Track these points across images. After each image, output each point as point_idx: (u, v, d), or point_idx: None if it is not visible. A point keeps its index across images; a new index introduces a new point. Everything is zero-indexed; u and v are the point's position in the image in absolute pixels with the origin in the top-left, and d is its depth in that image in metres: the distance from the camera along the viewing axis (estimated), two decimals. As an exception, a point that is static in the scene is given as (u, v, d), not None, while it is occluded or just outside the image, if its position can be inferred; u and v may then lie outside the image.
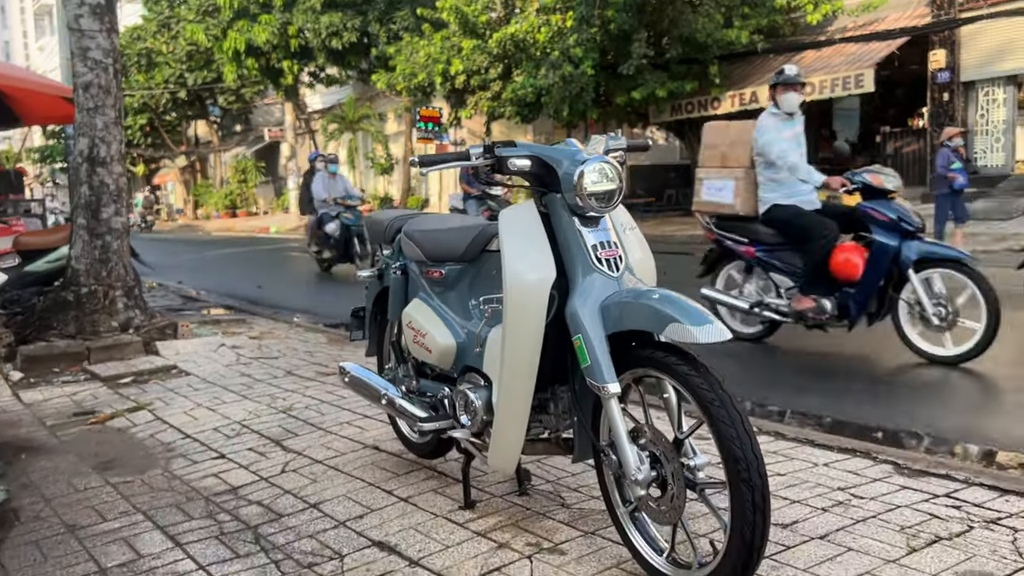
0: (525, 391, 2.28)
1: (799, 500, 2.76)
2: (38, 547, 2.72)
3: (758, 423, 3.73)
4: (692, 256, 13.04)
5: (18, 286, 6.61)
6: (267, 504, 2.98)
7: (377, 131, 28.16)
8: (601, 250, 2.22)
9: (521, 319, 2.22)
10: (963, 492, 2.80)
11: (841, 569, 2.25)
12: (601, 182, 2.20)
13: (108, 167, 5.99)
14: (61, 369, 5.43)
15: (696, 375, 1.96)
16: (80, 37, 5.95)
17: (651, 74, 17.18)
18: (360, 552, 2.53)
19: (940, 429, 3.80)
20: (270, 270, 14.15)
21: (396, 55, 21.85)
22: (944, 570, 2.22)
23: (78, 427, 4.21)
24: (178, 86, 35.39)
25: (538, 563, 2.36)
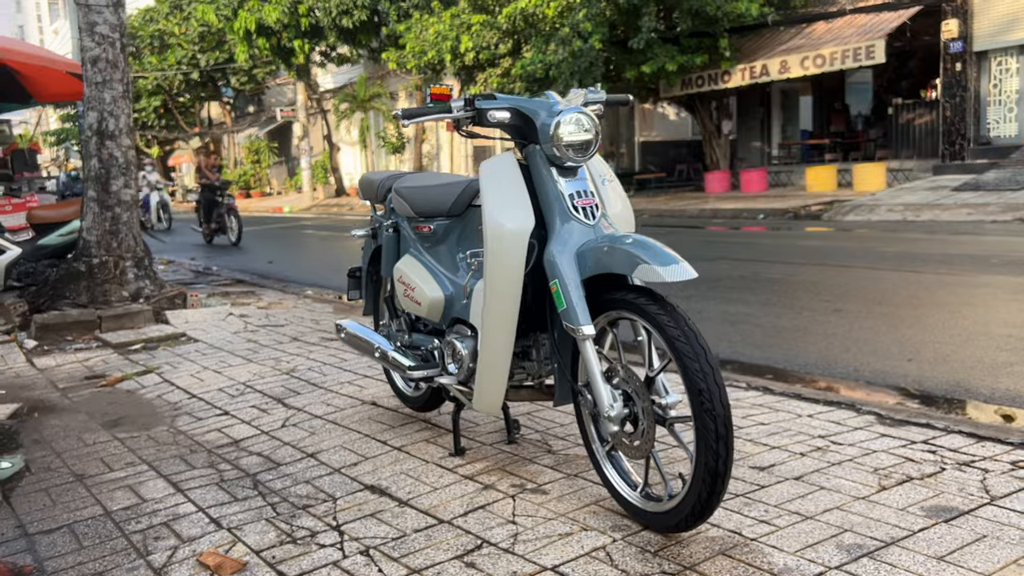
0: (506, 337, 2.37)
1: (779, 446, 2.85)
2: (48, 494, 2.84)
3: (746, 379, 3.82)
4: (703, 230, 13.09)
5: (32, 259, 6.76)
6: (266, 455, 3.10)
7: (388, 110, 28.19)
8: (578, 199, 2.30)
9: (501, 267, 2.31)
10: (941, 439, 2.87)
11: (811, 504, 2.33)
12: (577, 132, 2.28)
13: (117, 140, 6.10)
14: (74, 337, 5.57)
15: (664, 314, 2.04)
16: (88, 12, 6.04)
17: (661, 48, 17.12)
18: (352, 495, 2.64)
19: (927, 387, 3.86)
20: (282, 247, 14.29)
21: (406, 33, 21.87)
22: (911, 505, 2.30)
23: (89, 389, 4.34)
24: (191, 67, 35.52)
25: (520, 501, 2.46)
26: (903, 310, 5.49)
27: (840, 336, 4.90)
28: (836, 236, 10.95)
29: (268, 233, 17.88)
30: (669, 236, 12.36)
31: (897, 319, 5.23)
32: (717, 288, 6.83)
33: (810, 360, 4.43)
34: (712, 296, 6.46)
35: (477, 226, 2.63)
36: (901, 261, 7.72)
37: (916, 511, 2.26)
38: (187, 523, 2.51)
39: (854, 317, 5.37)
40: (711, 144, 20.66)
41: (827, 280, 6.93)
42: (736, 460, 2.72)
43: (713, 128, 20.55)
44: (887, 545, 2.07)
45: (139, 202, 6.24)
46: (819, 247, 9.60)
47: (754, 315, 5.70)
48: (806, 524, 2.20)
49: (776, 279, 7.13)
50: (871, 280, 6.78)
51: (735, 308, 5.95)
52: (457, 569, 2.07)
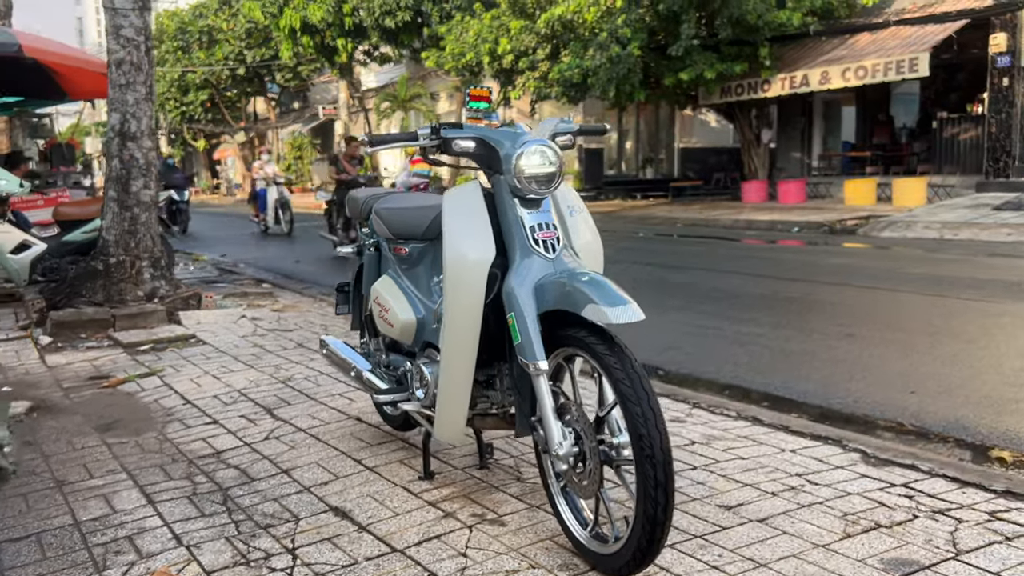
0: (466, 366, 2.35)
1: (752, 484, 2.79)
2: (25, 499, 2.90)
3: (738, 407, 3.75)
4: (734, 243, 12.90)
5: (57, 255, 6.90)
6: (243, 468, 3.12)
7: (429, 110, 28.33)
8: (539, 231, 2.28)
9: (461, 297, 2.29)
10: (922, 483, 2.79)
11: (768, 551, 2.28)
12: (540, 165, 2.26)
13: (138, 141, 6.20)
14: (87, 335, 5.67)
15: (611, 355, 2.01)
16: (113, 15, 6.15)
17: (700, 55, 16.96)
18: (316, 516, 2.64)
19: (925, 422, 3.76)
20: (313, 246, 14.42)
21: (447, 35, 21.94)
22: (871, 556, 2.24)
23: (91, 390, 4.42)
24: (237, 63, 36.05)
25: (477, 532, 2.45)
26: (917, 337, 5.35)
27: (847, 363, 4.80)
28: (866, 253, 10.74)
29: (300, 232, 18.07)
30: (699, 246, 12.23)
31: (909, 347, 5.10)
32: (735, 306, 6.73)
33: (811, 388, 4.34)
34: (728, 314, 6.37)
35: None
36: (927, 284, 7.53)
37: (874, 563, 2.20)
38: (150, 538, 2.53)
39: (865, 343, 5.25)
40: (750, 153, 20.41)
41: (846, 301, 6.80)
42: (704, 497, 2.68)
43: (752, 137, 20.30)
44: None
45: (157, 205, 6.33)
46: (845, 265, 9.41)
47: (765, 336, 5.60)
48: (757, 573, 2.15)
49: (794, 298, 7.01)
50: (891, 303, 6.63)
51: (747, 328, 5.86)
52: (397, 602, 2.07)
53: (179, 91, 41.47)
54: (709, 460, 3.03)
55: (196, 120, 43.72)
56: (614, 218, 18.85)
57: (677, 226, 16.54)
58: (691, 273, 9.04)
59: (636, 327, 2.03)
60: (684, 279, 8.62)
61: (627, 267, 9.94)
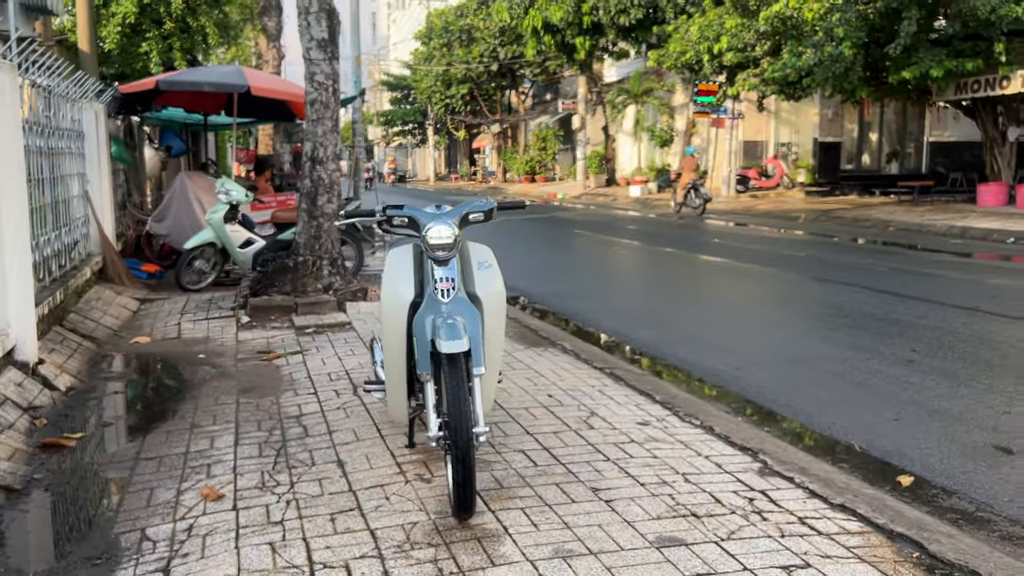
0: (399, 371, 3.42)
1: (635, 476, 3.58)
2: (168, 435, 4.38)
3: (715, 421, 4.45)
4: (913, 252, 12.24)
5: (273, 250, 8.76)
6: (308, 427, 4.39)
7: (661, 103, 28.89)
8: (442, 283, 3.27)
9: (389, 323, 3.36)
10: (781, 492, 3.43)
11: (585, 519, 3.12)
12: (440, 238, 3.25)
13: (324, 165, 7.79)
14: (275, 317, 7.35)
15: (447, 374, 2.99)
16: (309, 64, 7.77)
17: (927, 51, 16.21)
18: (325, 464, 3.84)
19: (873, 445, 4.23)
20: (511, 240, 15.81)
21: (673, 32, 22.45)
22: (651, 533, 3.01)
23: (254, 361, 5.97)
24: (491, 59, 38.72)
25: (408, 485, 3.50)
26: (980, 376, 5.54)
27: (881, 395, 5.21)
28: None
29: (513, 224, 19.59)
30: (877, 258, 12.08)
31: (961, 380, 5.36)
32: (831, 322, 7.10)
33: (812, 406, 4.87)
34: (818, 328, 6.81)
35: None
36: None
37: (651, 537, 2.98)
38: (220, 467, 3.87)
39: (923, 373, 5.56)
40: (993, 152, 19.04)
41: (953, 328, 6.87)
42: (583, 481, 3.53)
43: (997, 134, 18.89)
44: None
45: (338, 214, 7.88)
46: (1008, 288, 9.09)
47: (832, 357, 6.04)
48: (559, 531, 3.03)
49: (902, 320, 7.17)
50: (987, 332, 6.64)
51: (819, 347, 6.30)
52: (325, 522, 3.19)
53: (443, 85, 45.15)
54: (624, 455, 3.85)
55: (457, 112, 47.32)
56: (827, 218, 18.52)
57: (889, 231, 16.07)
58: (824, 287, 9.23)
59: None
60: (809, 293, 8.90)
61: (774, 274, 10.28)
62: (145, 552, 3.04)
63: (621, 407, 4.66)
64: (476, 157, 54.62)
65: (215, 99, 11.10)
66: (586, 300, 8.97)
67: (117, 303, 7.99)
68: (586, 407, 4.64)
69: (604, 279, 10.95)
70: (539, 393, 4.93)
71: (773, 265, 11.25)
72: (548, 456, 3.85)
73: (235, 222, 8.80)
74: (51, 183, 7.19)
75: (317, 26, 7.67)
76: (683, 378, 5.74)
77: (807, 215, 19.23)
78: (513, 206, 3.63)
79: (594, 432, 4.20)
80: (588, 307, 8.47)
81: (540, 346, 6.26)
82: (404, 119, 57.91)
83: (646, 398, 4.86)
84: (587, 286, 10.16)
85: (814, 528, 3.09)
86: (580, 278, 10.93)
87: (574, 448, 3.96)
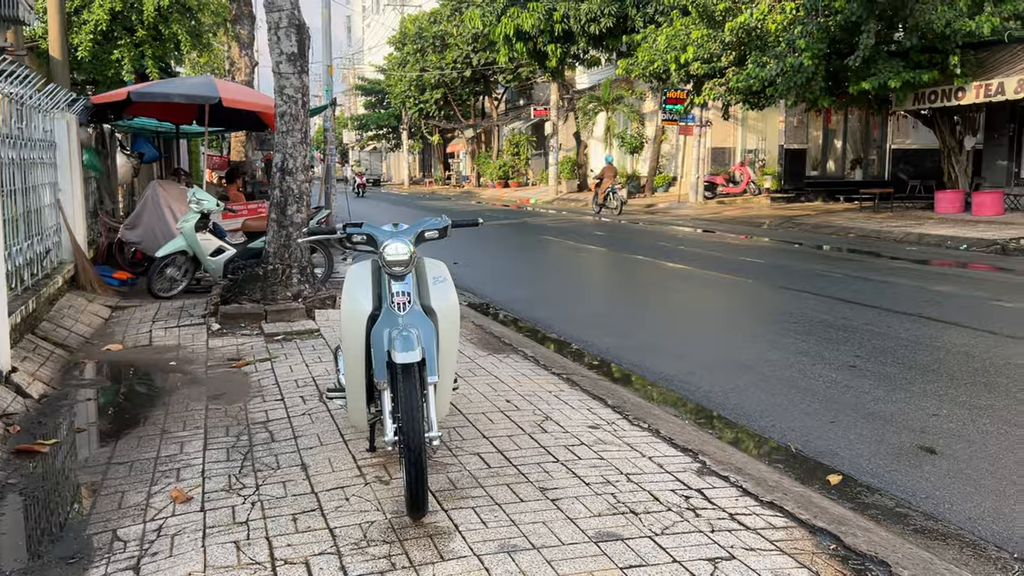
0: (358, 380, 3.63)
1: (581, 476, 3.83)
2: (139, 440, 4.56)
3: (667, 425, 4.71)
4: (873, 258, 12.65)
5: (243, 258, 8.92)
6: (274, 432, 4.59)
7: (631, 110, 29.28)
8: (398, 297, 3.50)
9: (349, 334, 3.58)
10: (716, 490, 3.69)
11: (531, 516, 3.36)
12: (395, 255, 3.47)
13: (294, 176, 7.99)
14: (245, 325, 7.52)
15: (401, 381, 3.21)
16: (279, 78, 7.96)
17: (885, 63, 16.69)
18: (289, 467, 4.04)
19: (811, 448, 4.51)
20: (484, 247, 16.07)
21: (642, 42, 22.83)
22: (592, 529, 3.25)
23: (224, 368, 6.15)
24: (464, 65, 38.99)
25: (367, 487, 3.72)
26: (916, 380, 5.86)
27: (821, 399, 5.50)
28: (991, 281, 10.57)
29: (486, 232, 19.86)
30: (832, 264, 12.45)
31: (897, 384, 5.66)
32: (782, 328, 7.40)
33: (756, 409, 5.15)
34: (769, 334, 7.09)
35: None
36: (1020, 326, 7.67)
37: (591, 533, 3.22)
38: (189, 471, 4.06)
39: (862, 378, 5.86)
40: (950, 160, 19.56)
41: (896, 334, 7.19)
42: (532, 481, 3.77)
43: (954, 143, 19.42)
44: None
45: (307, 223, 8.07)
46: (951, 295, 9.46)
47: (779, 362, 6.33)
48: (505, 528, 3.26)
49: (850, 327, 7.49)
50: (926, 338, 6.98)
51: (768, 353, 6.59)
52: (287, 522, 3.40)
53: (417, 90, 45.32)
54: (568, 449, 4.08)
55: (431, 117, 47.51)
56: (791, 224, 18.95)
57: (849, 237, 16.49)
58: (779, 293, 9.56)
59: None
60: (765, 300, 9.23)
61: (733, 281, 10.60)
62: (116, 551, 3.23)
63: (575, 411, 4.90)
64: (450, 162, 54.85)
65: (187, 109, 11.25)
66: (551, 306, 9.23)
67: (89, 311, 8.12)
68: (541, 412, 4.88)
69: (570, 285, 11.21)
70: (498, 398, 5.16)
71: (733, 272, 11.56)
72: (501, 458, 4.08)
73: (206, 231, 8.95)
74: (23, 193, 7.32)
75: (287, 40, 7.87)
76: (637, 383, 6.00)
77: (771, 221, 19.65)
78: (467, 223, 3.86)
79: (547, 435, 4.44)
80: (552, 313, 8.72)
81: (503, 352, 6.49)
82: (378, 123, 58.00)
83: (599, 402, 5.11)
84: (553, 292, 10.43)
85: (742, 523, 3.35)
86: (546, 284, 11.19)
87: (527, 451, 4.20)
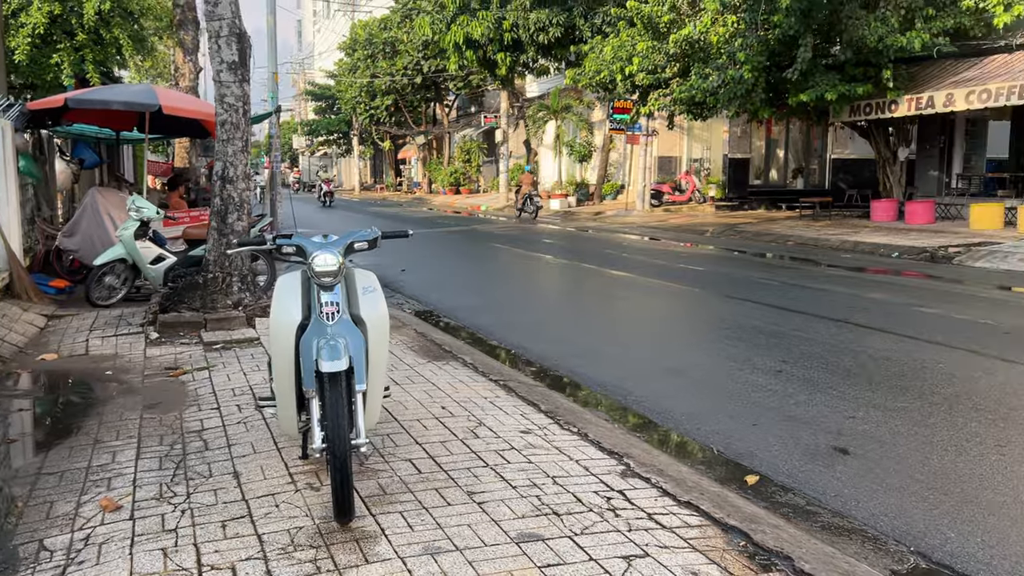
0: (288, 388, 3.70)
1: (508, 479, 3.94)
2: (70, 450, 4.55)
3: (587, 423, 4.85)
4: (810, 266, 12.98)
5: (184, 266, 8.88)
6: (208, 441, 4.63)
7: (580, 119, 29.61)
8: (327, 307, 3.58)
9: (278, 344, 3.64)
10: (637, 492, 3.83)
11: (456, 519, 3.47)
12: (323, 266, 3.55)
13: (234, 184, 7.98)
14: (184, 333, 7.50)
15: (327, 390, 3.30)
16: (220, 86, 7.96)
17: (823, 76, 17.18)
18: (221, 475, 4.09)
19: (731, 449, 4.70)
20: (432, 254, 16.14)
21: (589, 52, 23.13)
22: (514, 530, 3.37)
23: (161, 378, 6.14)
24: (415, 72, 39.01)
25: (297, 493, 3.79)
26: (837, 383, 6.10)
27: (746, 402, 5.70)
28: (919, 287, 10.99)
29: (439, 237, 19.92)
30: (771, 272, 12.79)
31: (819, 388, 5.89)
32: (716, 334, 7.62)
33: (684, 413, 5.33)
34: (703, 340, 7.29)
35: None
36: (938, 330, 7.99)
37: (513, 534, 3.34)
38: (120, 480, 4.08)
39: (787, 382, 6.08)
40: (885, 170, 20.19)
41: (823, 339, 7.46)
42: (459, 485, 3.87)
43: (888, 154, 20.05)
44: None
45: (249, 231, 8.08)
46: (880, 301, 9.81)
47: (709, 367, 6.53)
48: (431, 531, 3.37)
49: (780, 333, 7.74)
50: (851, 343, 7.26)
51: (700, 359, 6.80)
52: (216, 528, 3.46)
53: (367, 96, 45.18)
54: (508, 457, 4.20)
55: (382, 123, 47.39)
56: (733, 232, 19.35)
57: (788, 245, 16.91)
58: (717, 300, 9.83)
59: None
60: (702, 307, 9.47)
61: (673, 289, 10.83)
62: (42, 561, 3.25)
63: (509, 417, 5.02)
64: (402, 168, 54.72)
65: (127, 116, 11.14)
66: (495, 313, 9.35)
67: (24, 320, 8.01)
68: (475, 418, 4.99)
69: (514, 293, 11.35)
70: (433, 405, 5.26)
71: (675, 280, 11.81)
72: (432, 464, 4.18)
73: (146, 238, 8.89)
74: (-45, 201, 7.22)
75: (227, 49, 7.88)
76: (572, 389, 6.14)
77: (715, 229, 20.06)
78: (396, 235, 3.96)
79: (479, 441, 4.55)
80: (496, 320, 8.84)
81: (442, 359, 6.59)
82: (329, 129, 57.62)
83: (533, 408, 5.24)
84: (498, 299, 10.55)
85: (659, 523, 3.50)
86: (492, 291, 11.32)
87: (458, 456, 4.30)
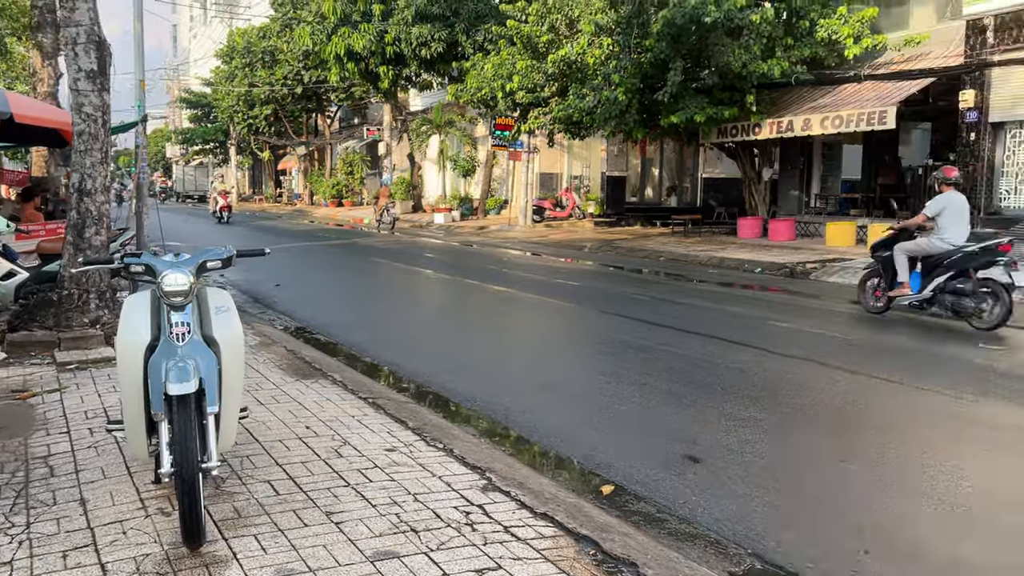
0: (137, 412, 3.59)
1: (369, 498, 3.95)
2: (-102, 480, 4.26)
3: (454, 438, 4.90)
4: (679, 281, 13.51)
5: (37, 282, 8.42)
6: (54, 467, 4.41)
7: (464, 134, 29.80)
8: (177, 327, 3.50)
9: (125, 365, 3.54)
10: (496, 505, 3.91)
11: (312, 540, 3.45)
12: (173, 286, 3.48)
13: (93, 197, 7.66)
14: (36, 353, 7.12)
15: (176, 414, 3.24)
16: (77, 95, 7.64)
17: (692, 99, 17.92)
18: (67, 503, 3.91)
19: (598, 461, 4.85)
20: (309, 268, 15.89)
21: (471, 69, 23.36)
22: (371, 549, 3.38)
23: (6, 401, 5.82)
24: (295, 82, 38.31)
25: (146, 519, 3.68)
26: (694, 395, 6.38)
27: (609, 415, 5.88)
28: (770, 300, 11.61)
29: (317, 250, 19.62)
30: (638, 287, 13.23)
31: (679, 399, 6.15)
32: (586, 349, 7.83)
33: (550, 427, 5.46)
34: (574, 356, 7.48)
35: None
36: (792, 343, 8.46)
37: (368, 552, 3.35)
38: (-47, 510, 3.85)
39: (649, 395, 6.32)
40: (750, 189, 21.18)
41: (686, 353, 7.79)
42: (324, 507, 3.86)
43: (753, 174, 21.07)
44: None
45: (108, 246, 7.76)
46: (741, 316, 10.32)
47: (578, 382, 6.71)
48: (284, 553, 3.34)
49: (647, 347, 8.03)
50: (711, 356, 7.62)
51: (570, 373, 6.97)
52: (56, 559, 3.32)
53: (246, 105, 44.05)
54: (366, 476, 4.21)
55: (261, 132, 46.27)
56: (610, 248, 19.88)
57: (660, 260, 17.51)
58: (590, 315, 10.11)
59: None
60: (576, 322, 9.72)
61: (550, 304, 11.05)
62: None
63: (375, 435, 5.02)
64: (282, 179, 53.53)
65: (-24, 121, 10.50)
66: (369, 330, 9.29)
67: None
68: (340, 437, 4.96)
69: (391, 309, 11.30)
70: (297, 425, 5.20)
71: (553, 295, 12.04)
72: (292, 485, 4.14)
73: (-6, 253, 8.40)
74: None
75: (86, 57, 7.57)
76: (442, 405, 6.19)
77: (593, 245, 20.56)
78: (252, 253, 3.91)
79: (342, 460, 4.53)
80: (370, 337, 8.78)
81: (311, 378, 6.51)
82: (205, 137, 55.79)
83: (400, 425, 5.25)
84: (373, 315, 10.49)
85: (515, 535, 3.59)
86: (368, 307, 11.24)
87: (319, 476, 4.27)
